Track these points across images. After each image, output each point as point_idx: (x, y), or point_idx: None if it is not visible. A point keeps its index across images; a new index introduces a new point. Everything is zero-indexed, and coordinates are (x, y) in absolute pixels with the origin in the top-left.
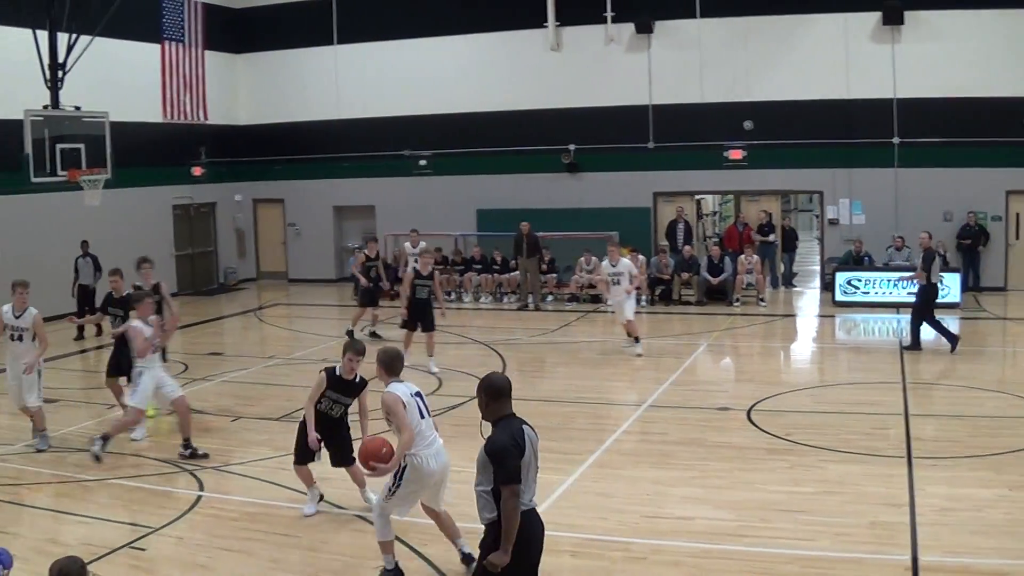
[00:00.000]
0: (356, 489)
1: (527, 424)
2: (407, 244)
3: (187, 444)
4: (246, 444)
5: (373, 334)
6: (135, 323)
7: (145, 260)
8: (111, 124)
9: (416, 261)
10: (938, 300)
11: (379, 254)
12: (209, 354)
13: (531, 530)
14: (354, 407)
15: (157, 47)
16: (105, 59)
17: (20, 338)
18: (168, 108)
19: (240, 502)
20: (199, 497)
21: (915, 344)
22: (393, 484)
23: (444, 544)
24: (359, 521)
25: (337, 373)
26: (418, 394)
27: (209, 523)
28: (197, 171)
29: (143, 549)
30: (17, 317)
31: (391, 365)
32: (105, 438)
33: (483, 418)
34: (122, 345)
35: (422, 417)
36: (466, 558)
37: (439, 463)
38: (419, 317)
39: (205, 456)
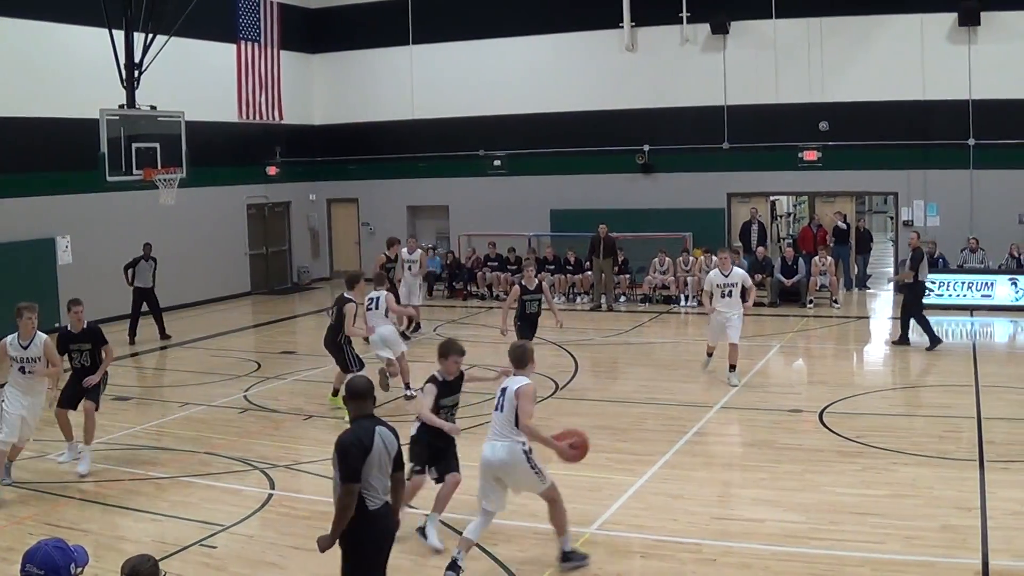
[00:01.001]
0: (429, 491)
1: (385, 425)
2: (404, 250)
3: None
4: (317, 443)
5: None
6: None
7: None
8: (186, 124)
9: (410, 269)
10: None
11: (398, 256)
12: (282, 353)
13: (376, 528)
14: None
15: (233, 47)
16: (181, 59)
17: (31, 371)
18: (244, 108)
19: (310, 500)
20: (270, 495)
21: (904, 340)
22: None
23: (514, 544)
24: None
25: (441, 379)
26: (503, 389)
27: (280, 521)
28: (272, 171)
29: (214, 547)
30: (25, 347)
31: (516, 358)
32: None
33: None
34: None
35: (495, 410)
36: (565, 556)
37: (492, 454)
38: (529, 333)
39: None
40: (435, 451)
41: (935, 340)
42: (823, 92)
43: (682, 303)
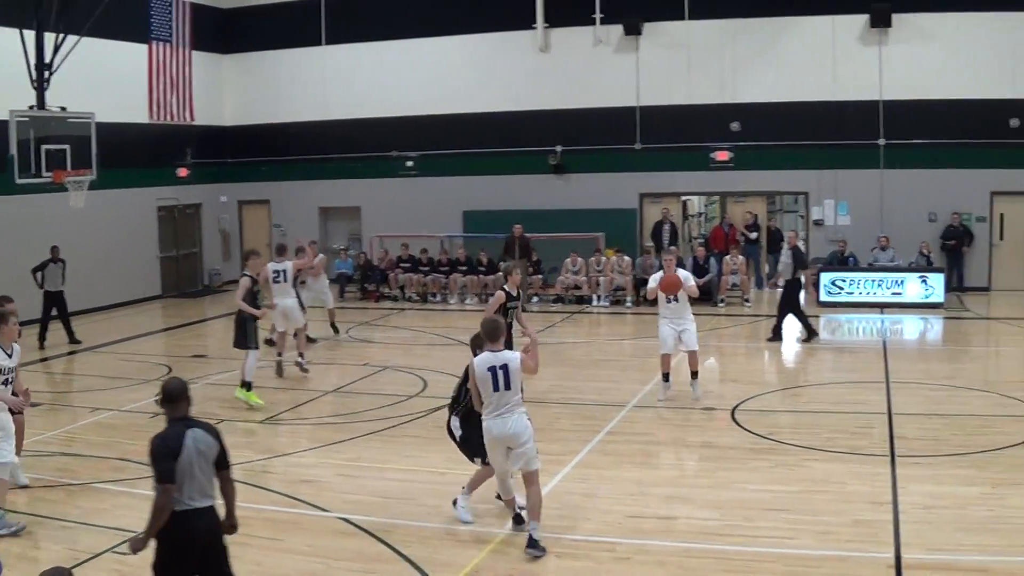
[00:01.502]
0: (340, 494)
1: (201, 427)
2: (270, 265)
3: None
4: (230, 447)
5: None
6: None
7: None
8: (97, 125)
9: (280, 277)
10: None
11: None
12: (193, 356)
13: (185, 530)
14: None
15: (144, 47)
16: (92, 59)
17: (10, 382)
18: (155, 109)
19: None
20: None
21: (776, 336)
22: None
23: (427, 545)
24: (343, 524)
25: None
26: (502, 366)
27: None
28: (183, 172)
29: (126, 554)
30: (9, 355)
31: (488, 331)
32: None
33: None
34: None
35: (495, 389)
36: (532, 542)
37: (500, 430)
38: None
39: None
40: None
41: (812, 333)
42: (735, 93)
43: (594, 303)
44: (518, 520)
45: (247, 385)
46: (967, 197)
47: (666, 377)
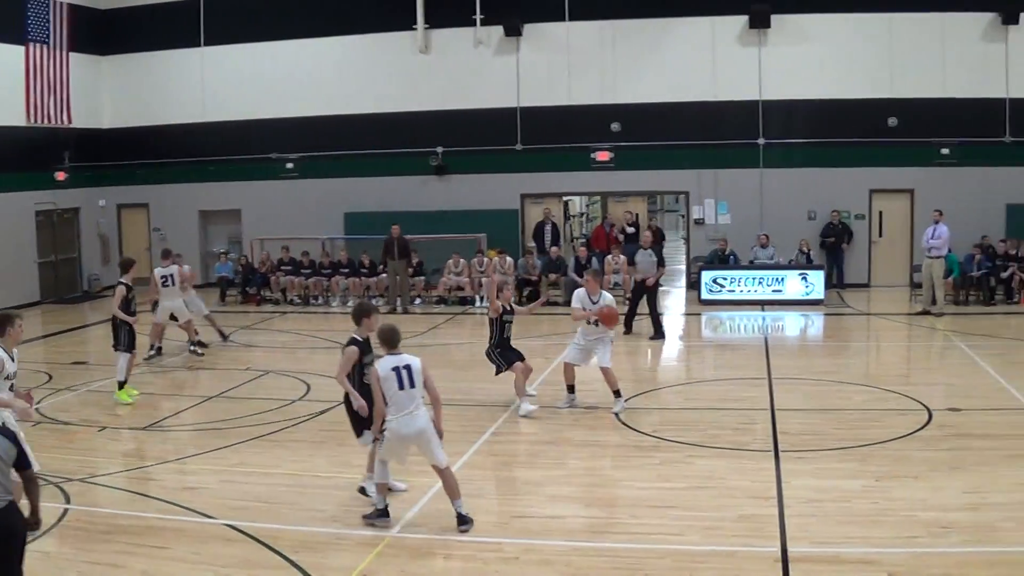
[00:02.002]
0: (225, 500)
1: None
2: (157, 270)
3: None
4: (113, 455)
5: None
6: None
7: None
8: None
9: (168, 281)
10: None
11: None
12: (73, 363)
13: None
14: None
15: (21, 48)
16: None
17: (12, 387)
18: (31, 111)
19: (108, 514)
20: (66, 510)
21: (659, 334)
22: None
23: (315, 550)
24: (229, 530)
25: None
26: (405, 367)
27: (77, 536)
28: (60, 176)
29: None
30: (12, 359)
31: (386, 339)
32: None
33: None
34: None
35: (400, 388)
36: (460, 519)
37: (410, 428)
38: (514, 355)
39: None
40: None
41: (661, 334)
42: (615, 94)
43: (477, 304)
44: (384, 514)
45: (120, 385)
46: (846, 195)
47: (571, 389)
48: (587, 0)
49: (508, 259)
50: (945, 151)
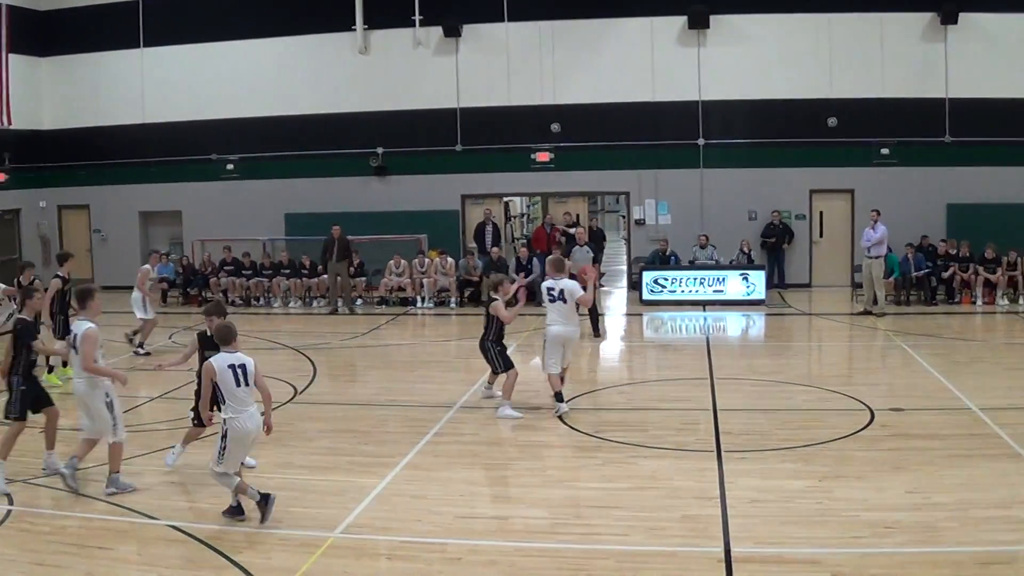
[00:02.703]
0: (168, 501)
1: None
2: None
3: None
4: (60, 457)
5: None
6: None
7: None
8: None
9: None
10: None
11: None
12: None
13: None
14: None
15: None
16: None
17: None
18: None
19: (52, 516)
20: (8, 512)
21: (598, 334)
22: (220, 447)
23: (258, 551)
24: (172, 531)
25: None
26: (240, 365)
27: (20, 538)
28: (0, 177)
29: None
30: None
31: (221, 337)
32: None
33: None
34: None
35: (237, 385)
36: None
37: (254, 424)
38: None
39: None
40: None
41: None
42: (555, 94)
43: (418, 304)
44: (265, 499)
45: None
46: (787, 195)
47: (560, 397)
48: (526, 1)
49: (449, 260)
50: (885, 151)
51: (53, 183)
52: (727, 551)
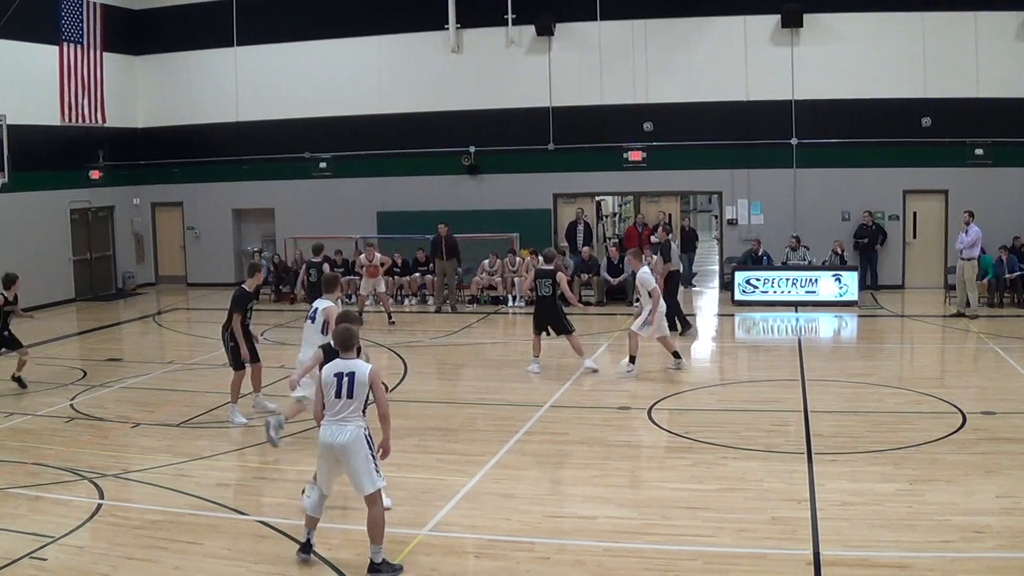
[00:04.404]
0: (258, 497)
1: None
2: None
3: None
4: (146, 451)
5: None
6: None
7: None
8: (8, 127)
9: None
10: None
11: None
12: (108, 360)
13: None
14: None
15: (55, 49)
16: (2, 61)
17: None
18: (66, 111)
19: (141, 509)
20: (99, 505)
21: (685, 327)
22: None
23: (347, 548)
24: (261, 527)
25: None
26: (348, 374)
27: (111, 532)
28: (95, 174)
29: (44, 559)
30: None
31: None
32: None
33: None
34: None
35: (337, 397)
36: (373, 567)
37: (332, 439)
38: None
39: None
40: None
41: (686, 325)
42: (647, 93)
43: (510, 303)
44: (305, 548)
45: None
46: (880, 196)
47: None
48: None
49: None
50: (979, 151)
51: (147, 181)
52: (816, 554)
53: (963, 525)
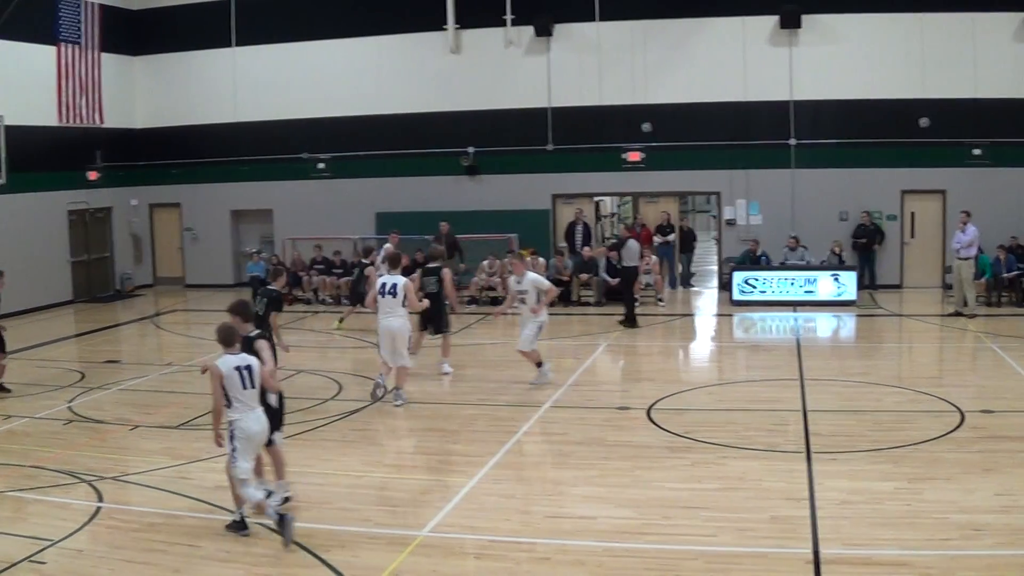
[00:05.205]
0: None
1: None
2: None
3: None
4: (145, 453)
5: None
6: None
7: None
8: (5, 128)
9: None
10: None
11: None
12: (106, 362)
13: None
14: None
15: (53, 49)
16: None
17: None
18: (64, 111)
19: (140, 512)
20: (98, 508)
21: (633, 322)
22: (231, 449)
23: (347, 549)
24: (260, 528)
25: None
26: (246, 367)
27: (109, 535)
28: (93, 175)
29: (43, 563)
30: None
31: (223, 339)
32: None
33: None
34: None
35: (244, 387)
36: (269, 496)
37: (260, 425)
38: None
39: None
40: None
41: (632, 321)
42: (646, 94)
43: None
44: (282, 519)
45: None
46: (878, 196)
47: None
48: (617, 0)
49: (540, 259)
50: (977, 151)
51: (145, 181)
52: (816, 552)
53: (962, 523)
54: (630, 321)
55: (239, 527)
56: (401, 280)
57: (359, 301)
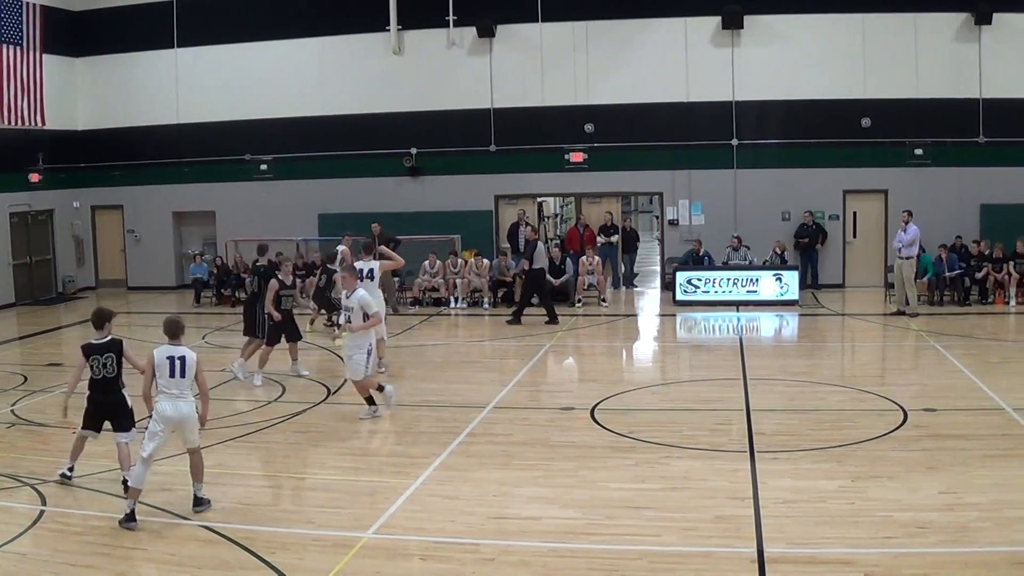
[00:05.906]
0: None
1: None
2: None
3: None
4: (88, 456)
5: None
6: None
7: None
8: None
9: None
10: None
11: None
12: (49, 364)
13: None
14: None
15: None
16: None
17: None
18: (5, 113)
19: (84, 516)
20: (42, 512)
21: (517, 320)
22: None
23: (291, 551)
24: (205, 531)
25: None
26: (180, 357)
27: (53, 538)
28: (34, 177)
29: None
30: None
31: (168, 331)
32: None
33: None
34: None
35: (171, 376)
36: (197, 501)
37: (175, 412)
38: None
39: None
40: None
41: (554, 317)
42: (588, 95)
43: (452, 305)
44: (131, 518)
45: None
46: (820, 196)
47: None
48: (560, 1)
49: (484, 260)
50: (919, 151)
51: (87, 183)
52: (760, 552)
53: (906, 521)
54: (553, 319)
55: (128, 519)
56: (373, 264)
57: (324, 306)
